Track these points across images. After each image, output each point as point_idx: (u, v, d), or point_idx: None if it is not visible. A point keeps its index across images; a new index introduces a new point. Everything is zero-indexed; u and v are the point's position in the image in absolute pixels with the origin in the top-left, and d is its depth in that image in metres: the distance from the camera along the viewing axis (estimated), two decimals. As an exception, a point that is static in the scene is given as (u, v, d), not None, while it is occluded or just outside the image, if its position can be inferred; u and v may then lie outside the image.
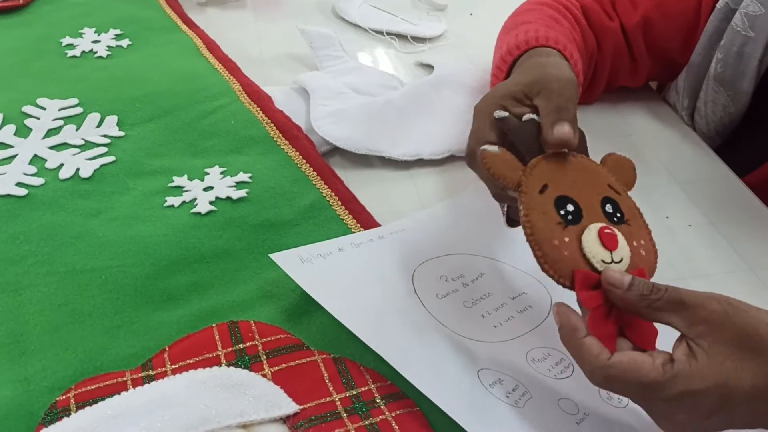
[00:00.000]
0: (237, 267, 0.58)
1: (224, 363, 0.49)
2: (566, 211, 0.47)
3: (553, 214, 0.47)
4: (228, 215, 0.63)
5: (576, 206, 0.48)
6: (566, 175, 0.50)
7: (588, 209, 0.48)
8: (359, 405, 0.47)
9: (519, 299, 0.57)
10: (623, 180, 0.52)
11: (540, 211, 0.47)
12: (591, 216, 0.48)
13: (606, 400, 0.50)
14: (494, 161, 0.49)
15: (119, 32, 0.92)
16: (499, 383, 0.49)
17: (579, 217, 0.47)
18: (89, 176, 0.67)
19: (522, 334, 0.54)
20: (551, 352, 0.53)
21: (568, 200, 0.48)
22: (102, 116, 0.75)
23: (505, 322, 0.55)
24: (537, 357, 0.52)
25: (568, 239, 0.46)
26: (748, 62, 0.69)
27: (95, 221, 0.63)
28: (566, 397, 0.49)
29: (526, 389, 0.49)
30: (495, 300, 0.57)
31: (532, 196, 0.48)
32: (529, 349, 0.53)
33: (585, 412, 0.48)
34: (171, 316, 0.54)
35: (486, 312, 0.55)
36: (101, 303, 0.55)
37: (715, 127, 0.75)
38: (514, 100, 0.55)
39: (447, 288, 0.57)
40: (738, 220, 0.68)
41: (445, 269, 0.59)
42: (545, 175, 0.49)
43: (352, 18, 1.00)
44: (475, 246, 0.62)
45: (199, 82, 0.81)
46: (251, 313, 0.54)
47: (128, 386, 0.47)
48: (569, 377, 0.51)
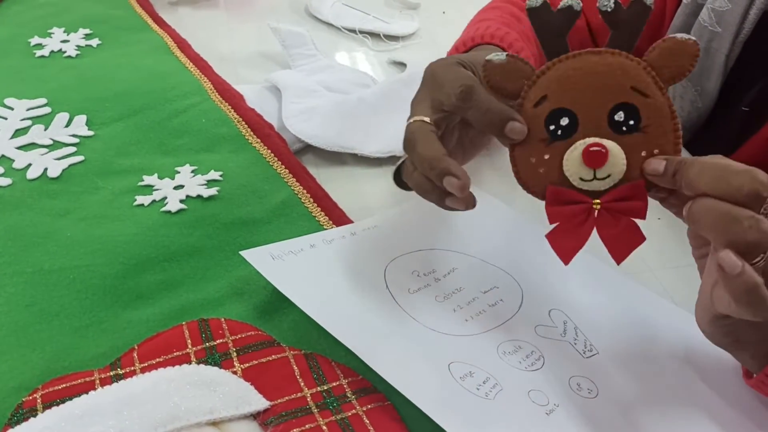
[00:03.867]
0: (207, 265, 0.58)
1: (194, 361, 0.48)
2: (557, 126, 0.45)
3: (540, 130, 0.46)
4: (199, 213, 0.63)
5: (573, 118, 0.45)
6: (577, 82, 0.46)
7: (587, 121, 0.45)
8: (330, 400, 0.47)
9: (490, 293, 0.57)
10: (671, 71, 0.45)
11: (527, 124, 0.46)
12: (588, 129, 0.45)
13: (576, 391, 0.50)
14: (494, 73, 0.47)
15: (89, 32, 0.91)
16: (470, 376, 0.49)
17: (572, 130, 0.45)
18: (57, 176, 0.67)
19: (493, 328, 0.54)
20: (522, 344, 0.53)
21: (564, 112, 0.45)
22: (71, 116, 0.75)
23: (476, 316, 0.55)
24: (508, 350, 0.52)
25: (548, 156, 0.45)
26: (715, 58, 0.70)
27: (63, 221, 0.62)
28: (537, 389, 0.49)
29: (497, 381, 0.49)
30: (466, 294, 0.57)
31: (526, 110, 0.46)
32: (499, 342, 0.53)
33: (555, 403, 0.49)
34: (140, 315, 0.53)
35: (458, 306, 0.55)
36: (69, 303, 0.54)
37: (683, 122, 0.76)
38: (439, 111, 0.51)
39: (419, 283, 0.57)
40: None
41: (417, 265, 0.59)
42: (551, 84, 0.46)
43: (324, 17, 1.00)
44: (446, 242, 0.62)
45: (170, 81, 0.81)
46: (222, 311, 0.54)
47: (96, 386, 0.47)
48: (539, 369, 0.51)
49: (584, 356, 0.53)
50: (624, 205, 0.45)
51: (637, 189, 0.44)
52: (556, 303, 0.57)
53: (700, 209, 0.41)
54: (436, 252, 0.61)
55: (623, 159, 0.44)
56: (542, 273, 0.59)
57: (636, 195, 0.44)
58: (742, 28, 0.67)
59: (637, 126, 0.45)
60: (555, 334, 0.54)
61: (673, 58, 0.45)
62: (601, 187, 0.45)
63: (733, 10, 0.67)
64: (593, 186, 0.45)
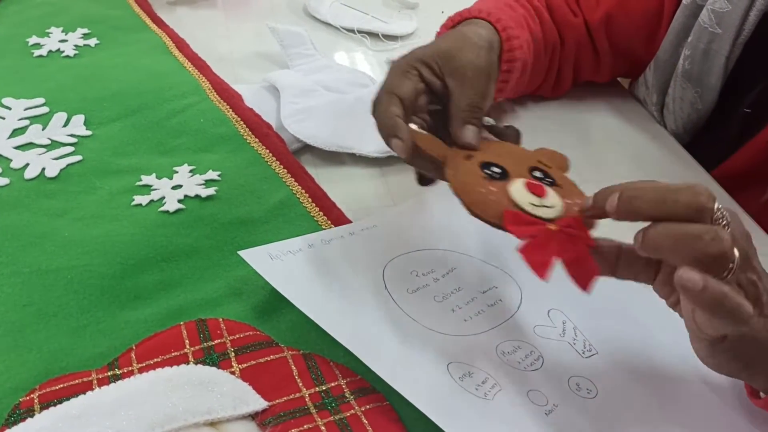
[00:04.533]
0: (206, 265, 0.58)
1: (192, 361, 0.48)
2: (492, 171, 0.50)
3: (479, 171, 0.50)
4: (197, 213, 0.62)
5: (502, 169, 0.50)
6: (494, 151, 0.53)
7: (514, 172, 0.50)
8: (329, 400, 0.47)
9: (489, 293, 0.57)
10: (555, 165, 0.53)
11: (465, 169, 0.50)
12: (517, 176, 0.49)
13: (575, 391, 0.50)
14: (422, 138, 0.53)
15: (87, 31, 0.91)
16: (469, 376, 0.49)
17: (505, 176, 0.49)
18: (55, 176, 0.66)
19: (491, 328, 0.54)
20: (521, 344, 0.53)
21: (493, 164, 0.50)
22: (69, 115, 0.74)
23: (475, 316, 0.55)
24: (507, 350, 0.52)
25: (494, 188, 0.48)
26: (715, 59, 0.69)
27: (61, 221, 0.62)
28: (536, 389, 0.49)
29: (496, 381, 0.49)
30: (465, 294, 0.57)
31: (458, 161, 0.51)
32: (498, 342, 0.53)
33: (554, 403, 0.49)
34: (138, 315, 0.53)
35: (456, 306, 0.55)
36: (67, 303, 0.54)
37: (683, 123, 0.76)
38: (425, 66, 0.56)
39: (417, 283, 0.57)
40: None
41: (416, 265, 0.59)
42: (474, 153, 0.53)
43: (323, 16, 0.99)
44: (446, 242, 0.62)
45: (168, 81, 0.80)
46: (220, 311, 0.53)
47: (94, 386, 0.46)
48: (538, 369, 0.51)
49: (583, 356, 0.53)
50: (576, 231, 0.46)
51: (578, 221, 0.46)
52: (555, 303, 0.57)
53: (657, 234, 0.40)
54: (435, 252, 0.61)
55: (558, 197, 0.48)
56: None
57: (580, 226, 0.46)
58: (743, 30, 0.67)
59: (554, 183, 0.50)
60: (554, 334, 0.54)
61: (552, 160, 0.53)
62: (551, 215, 0.47)
63: (734, 12, 0.67)
64: (544, 212, 0.47)
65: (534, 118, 0.80)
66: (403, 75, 0.55)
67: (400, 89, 0.54)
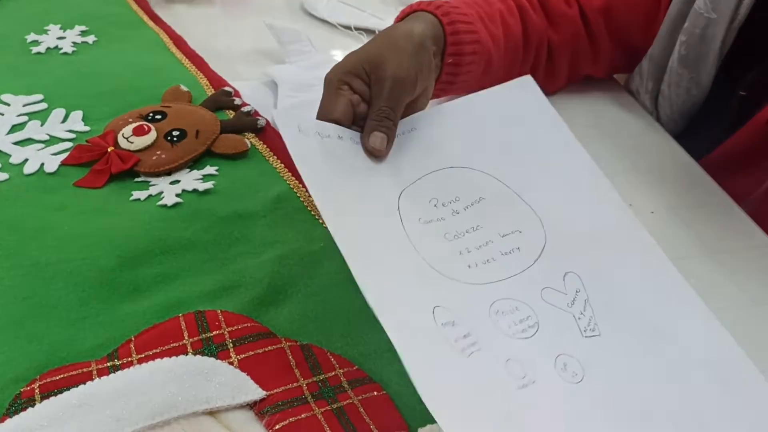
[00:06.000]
0: (204, 258, 0.58)
1: (191, 352, 0.49)
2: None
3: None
4: (195, 207, 0.63)
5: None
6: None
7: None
8: (326, 390, 0.47)
9: (509, 238, 0.52)
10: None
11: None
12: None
13: (559, 371, 0.46)
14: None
15: (85, 28, 0.91)
16: (452, 325, 0.46)
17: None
18: (54, 171, 0.67)
19: (495, 281, 0.50)
20: (520, 306, 0.49)
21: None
22: (67, 111, 0.75)
23: (482, 264, 0.51)
24: (502, 309, 0.48)
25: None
26: (710, 44, 0.70)
27: (60, 215, 0.62)
28: (516, 359, 0.46)
29: (477, 340, 0.46)
30: (481, 236, 0.52)
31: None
32: (496, 298, 0.49)
33: (532, 378, 0.45)
34: (137, 308, 0.53)
35: (465, 249, 0.51)
36: (66, 295, 0.54)
37: (678, 109, 0.77)
38: (355, 77, 0.57)
39: (433, 215, 0.53)
40: (697, 206, 0.69)
41: (440, 190, 0.55)
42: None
43: (320, 14, 1.00)
44: (485, 159, 0.57)
45: (166, 77, 0.81)
46: (218, 304, 0.54)
47: (94, 376, 0.47)
48: (528, 338, 0.47)
49: (584, 334, 0.49)
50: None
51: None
52: (575, 266, 0.51)
53: None
54: (470, 172, 0.56)
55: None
56: (578, 224, 0.53)
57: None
58: (737, 14, 0.67)
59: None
60: (561, 302, 0.50)
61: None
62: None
63: None
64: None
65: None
66: (335, 93, 0.57)
67: (334, 112, 0.55)
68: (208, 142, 0.69)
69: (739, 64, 0.71)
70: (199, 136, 0.69)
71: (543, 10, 0.75)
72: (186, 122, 0.71)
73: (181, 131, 0.69)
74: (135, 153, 0.67)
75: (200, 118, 0.72)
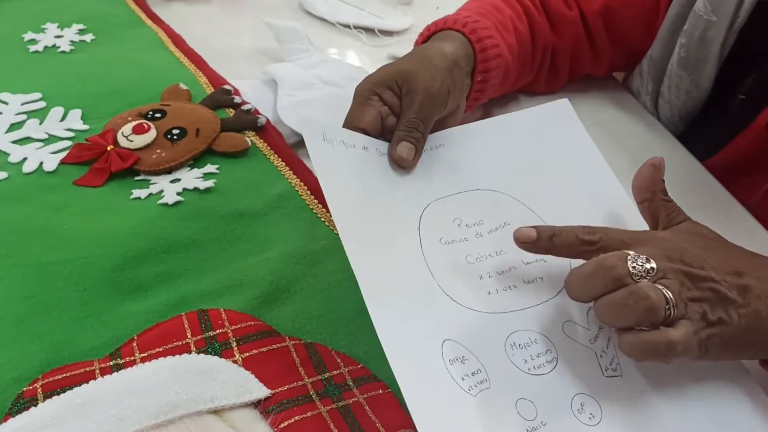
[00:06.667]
0: (206, 257, 0.58)
1: (194, 350, 0.49)
2: None
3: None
4: (196, 206, 0.63)
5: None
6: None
7: None
8: (331, 388, 0.47)
9: (533, 266, 0.50)
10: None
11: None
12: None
13: (575, 413, 0.45)
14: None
15: (83, 27, 0.91)
16: (461, 361, 0.45)
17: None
18: (53, 170, 0.66)
19: (515, 310, 0.48)
20: (538, 339, 0.47)
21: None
22: (66, 110, 0.75)
23: (503, 291, 0.49)
24: (519, 342, 0.47)
25: None
26: (710, 47, 0.70)
27: (61, 214, 0.62)
28: (528, 399, 0.44)
29: (487, 377, 0.45)
30: (504, 261, 0.51)
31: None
32: (514, 330, 0.47)
33: (543, 420, 0.44)
34: (139, 307, 0.53)
35: (487, 274, 0.50)
36: (68, 294, 0.54)
37: (678, 111, 0.77)
38: (386, 88, 0.58)
39: (456, 235, 0.52)
40: (700, 205, 0.69)
41: (464, 211, 0.53)
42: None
43: (319, 12, 1.00)
44: (512, 183, 0.55)
45: (165, 76, 0.80)
46: (221, 302, 0.54)
47: (96, 375, 0.47)
48: (545, 375, 0.46)
49: (605, 374, 0.47)
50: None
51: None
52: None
53: (597, 312, 0.44)
54: (496, 196, 0.55)
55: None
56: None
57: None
58: (737, 17, 0.67)
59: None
60: (584, 338, 0.48)
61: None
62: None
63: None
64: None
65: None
66: (365, 103, 0.57)
67: (362, 121, 0.56)
68: (208, 141, 0.69)
69: (738, 68, 0.71)
70: (200, 135, 0.69)
71: (545, 13, 0.75)
72: (186, 120, 0.70)
73: (181, 129, 0.69)
74: (135, 151, 0.67)
75: (200, 116, 0.71)
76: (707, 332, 0.43)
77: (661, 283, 0.43)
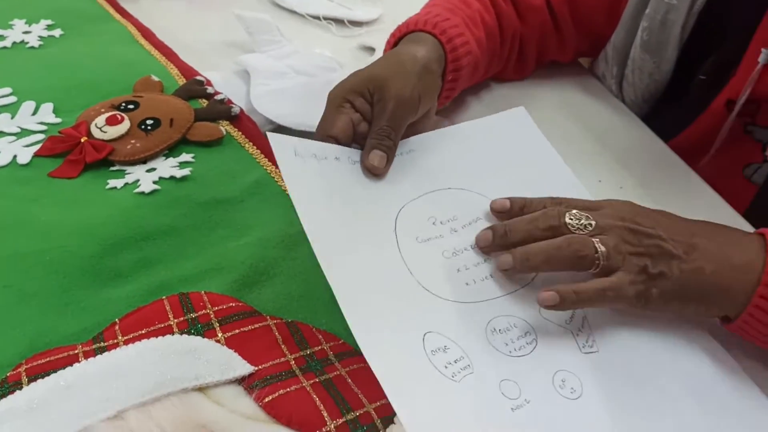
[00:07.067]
0: (184, 243, 0.59)
1: (176, 332, 0.49)
2: None
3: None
4: (172, 194, 0.63)
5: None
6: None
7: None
8: (313, 363, 0.48)
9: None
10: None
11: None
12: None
13: (557, 388, 0.47)
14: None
15: (51, 23, 0.90)
16: (443, 351, 0.47)
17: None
18: (27, 162, 0.66)
19: (492, 298, 0.51)
20: (517, 323, 0.50)
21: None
22: (37, 104, 0.74)
23: (480, 281, 0.52)
24: (499, 327, 0.49)
25: None
26: (671, 30, 0.72)
27: (36, 206, 0.62)
28: (511, 379, 0.47)
29: (470, 362, 0.47)
30: (479, 253, 0.53)
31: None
32: (493, 316, 0.50)
33: (526, 398, 0.46)
34: (120, 293, 0.54)
35: (464, 266, 0.52)
36: (47, 283, 0.54)
37: (642, 94, 0.79)
38: (358, 95, 0.59)
39: (431, 232, 0.54)
40: (665, 182, 0.71)
41: (438, 209, 0.56)
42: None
43: (288, 4, 1.00)
44: (482, 182, 0.58)
45: (136, 69, 0.80)
46: (201, 286, 0.54)
47: (80, 358, 0.47)
48: (526, 356, 0.48)
49: (582, 350, 0.49)
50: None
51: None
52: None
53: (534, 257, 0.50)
54: (466, 194, 0.58)
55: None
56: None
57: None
58: (697, 0, 0.70)
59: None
60: (560, 319, 0.51)
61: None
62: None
63: None
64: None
65: (498, 99, 0.82)
66: (337, 111, 0.59)
67: (333, 129, 0.58)
68: (182, 130, 0.69)
69: (698, 50, 0.73)
70: (174, 125, 0.69)
71: (512, 2, 0.77)
72: (159, 111, 0.71)
73: (155, 120, 0.69)
74: (109, 142, 0.67)
75: (174, 106, 0.72)
76: (648, 284, 0.48)
77: (599, 237, 0.48)
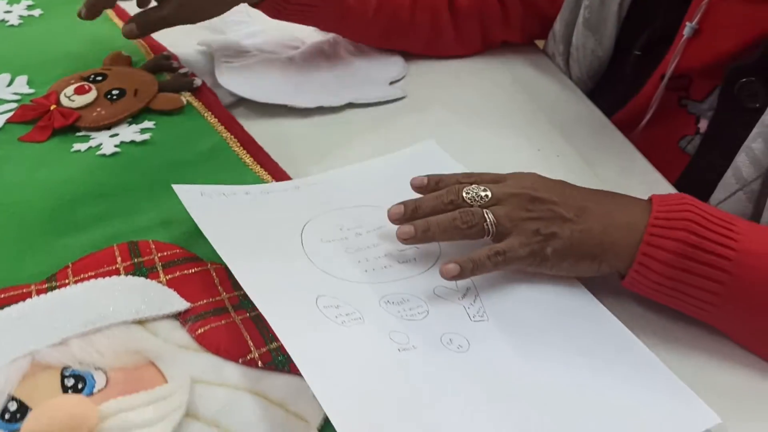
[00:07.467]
0: (139, 199, 0.63)
1: (123, 274, 0.53)
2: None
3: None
4: (132, 156, 0.68)
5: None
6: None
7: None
8: (246, 302, 0.52)
9: (407, 252, 0.57)
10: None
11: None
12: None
13: (445, 345, 0.49)
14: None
15: (31, 3, 0.95)
16: (335, 307, 0.50)
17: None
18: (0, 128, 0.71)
19: (390, 280, 0.54)
20: (411, 298, 0.52)
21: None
22: (12, 76, 0.79)
23: (380, 269, 0.55)
24: (393, 300, 0.52)
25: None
26: (610, 7, 0.77)
27: (4, 165, 0.66)
28: (401, 331, 0.49)
29: (361, 315, 0.49)
30: (380, 250, 0.57)
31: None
32: (388, 292, 0.53)
33: (414, 345, 0.48)
34: (75, 242, 0.58)
35: (365, 259, 0.56)
36: (5, 234, 0.59)
37: (586, 70, 0.83)
38: None
39: (336, 235, 0.58)
40: (601, 151, 0.75)
41: (347, 219, 0.59)
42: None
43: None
44: (386, 202, 0.58)
45: (109, 45, 0.85)
46: (150, 236, 0.58)
47: (33, 295, 0.51)
48: (416, 320, 0.51)
49: (472, 320, 0.52)
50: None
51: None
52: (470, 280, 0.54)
53: (430, 226, 0.53)
54: (372, 209, 0.61)
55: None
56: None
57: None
58: None
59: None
60: (453, 296, 0.53)
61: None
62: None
63: None
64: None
65: (451, 74, 0.86)
66: None
67: None
68: (146, 100, 0.73)
69: (635, 26, 0.77)
70: (138, 95, 0.74)
71: None
72: (126, 82, 0.75)
73: (120, 90, 0.74)
74: (76, 110, 0.71)
75: (139, 78, 0.76)
76: (542, 244, 0.52)
77: (492, 208, 0.53)
